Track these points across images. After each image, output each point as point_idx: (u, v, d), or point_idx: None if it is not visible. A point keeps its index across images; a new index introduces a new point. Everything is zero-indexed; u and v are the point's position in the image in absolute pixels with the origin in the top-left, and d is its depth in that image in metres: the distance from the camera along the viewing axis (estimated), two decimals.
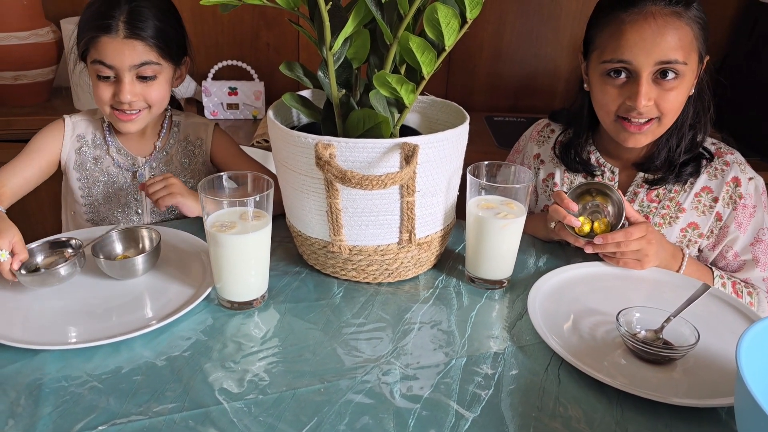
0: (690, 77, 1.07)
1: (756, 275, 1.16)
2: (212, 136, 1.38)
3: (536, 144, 1.32)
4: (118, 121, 1.23)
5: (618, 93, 1.08)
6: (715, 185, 1.15)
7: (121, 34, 1.15)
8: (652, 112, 1.07)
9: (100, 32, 1.15)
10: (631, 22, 1.04)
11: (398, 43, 0.91)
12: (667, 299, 0.95)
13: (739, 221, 1.15)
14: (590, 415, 0.75)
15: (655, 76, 1.05)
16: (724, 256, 1.18)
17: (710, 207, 1.16)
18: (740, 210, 1.15)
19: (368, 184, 0.85)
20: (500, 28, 2.30)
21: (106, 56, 1.16)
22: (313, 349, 0.85)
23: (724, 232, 1.16)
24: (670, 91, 1.05)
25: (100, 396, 0.75)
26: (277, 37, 2.26)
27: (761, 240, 1.16)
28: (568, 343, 0.86)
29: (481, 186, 0.99)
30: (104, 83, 1.19)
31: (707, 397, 0.77)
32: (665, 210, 1.17)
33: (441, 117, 1.11)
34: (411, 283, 1.02)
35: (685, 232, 1.17)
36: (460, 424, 0.73)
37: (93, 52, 1.17)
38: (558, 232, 1.07)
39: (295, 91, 1.05)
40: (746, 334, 0.67)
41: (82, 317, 0.89)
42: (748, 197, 1.15)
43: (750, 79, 2.23)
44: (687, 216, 1.16)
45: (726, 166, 1.15)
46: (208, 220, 0.90)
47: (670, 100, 1.06)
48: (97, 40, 1.16)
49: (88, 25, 1.17)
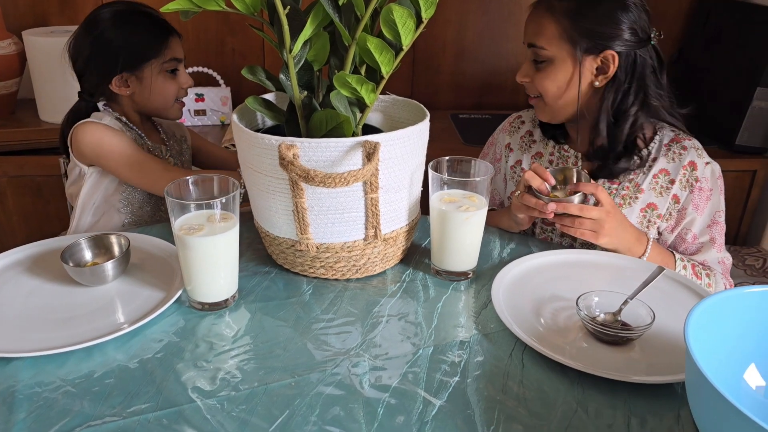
0: (563, 65, 1.16)
1: (712, 256, 1.21)
2: (189, 133, 1.60)
3: (507, 134, 1.40)
4: (177, 111, 1.44)
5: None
6: (672, 168, 1.20)
7: (174, 33, 1.38)
8: (532, 89, 1.23)
9: (170, 35, 1.37)
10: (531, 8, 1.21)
11: (357, 45, 0.93)
12: (625, 283, 0.99)
13: (696, 203, 1.20)
14: (552, 396, 0.78)
15: (533, 58, 1.20)
16: (684, 239, 1.23)
17: (667, 188, 1.21)
18: (696, 193, 1.20)
19: (331, 182, 0.88)
20: (462, 28, 2.34)
21: (177, 51, 1.39)
22: (284, 345, 0.87)
23: (682, 214, 1.21)
24: (540, 72, 1.19)
25: (74, 400, 0.76)
26: (242, 43, 2.27)
27: (717, 222, 1.21)
28: (531, 329, 0.90)
29: (443, 181, 1.02)
30: (172, 79, 1.39)
31: (663, 374, 0.80)
32: (625, 191, 1.22)
33: (403, 115, 1.14)
34: (378, 278, 1.05)
35: (645, 212, 1.22)
36: (427, 410, 0.76)
37: (168, 53, 1.37)
38: (522, 198, 1.10)
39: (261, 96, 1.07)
40: (693, 312, 0.71)
41: (53, 324, 0.89)
42: (705, 181, 1.19)
43: (704, 69, 2.30)
44: (645, 197, 1.21)
45: (683, 150, 1.21)
46: (176, 224, 0.91)
47: (539, 80, 1.19)
48: (171, 40, 1.37)
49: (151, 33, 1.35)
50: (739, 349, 0.74)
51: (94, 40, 1.33)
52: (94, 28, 1.33)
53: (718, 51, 2.25)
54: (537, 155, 1.34)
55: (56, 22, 2.22)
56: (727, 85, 2.19)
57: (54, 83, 1.98)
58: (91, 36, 1.33)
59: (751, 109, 2.08)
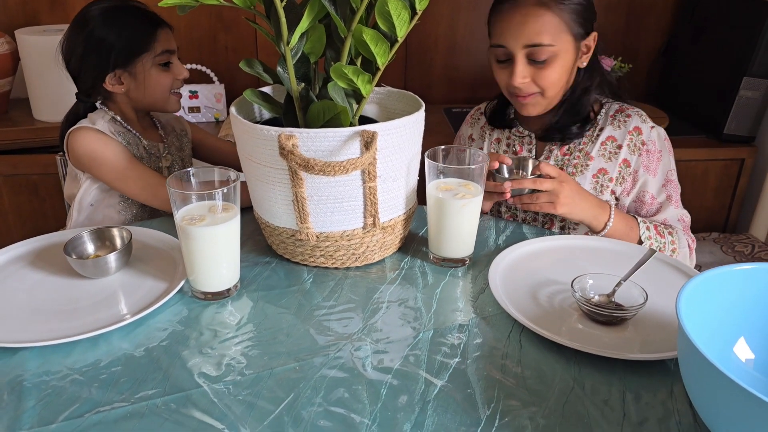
0: (566, 57, 1.19)
1: (671, 213, 1.29)
2: (189, 127, 1.59)
3: (469, 126, 1.48)
4: (175, 103, 1.44)
5: (504, 74, 1.24)
6: (618, 135, 1.28)
7: (165, 25, 1.38)
8: (530, 88, 1.22)
9: (160, 27, 1.36)
10: (503, 11, 1.19)
11: (352, 36, 0.95)
12: (618, 266, 1.01)
13: (646, 165, 1.27)
14: (550, 374, 0.81)
15: (528, 57, 1.19)
16: (643, 201, 1.30)
17: (615, 153, 1.28)
18: (645, 155, 1.27)
19: (331, 170, 0.89)
20: (454, 22, 2.36)
21: (170, 44, 1.38)
22: (287, 331, 0.89)
23: (635, 176, 1.28)
24: (544, 70, 1.19)
25: (82, 387, 0.78)
26: (235, 39, 2.28)
27: (670, 180, 1.29)
28: (528, 311, 0.92)
29: (439, 169, 1.04)
30: (166, 72, 1.39)
31: (657, 351, 0.83)
32: (576, 160, 1.30)
33: (398, 106, 1.16)
34: (378, 266, 1.07)
35: (597, 177, 1.29)
36: (429, 390, 0.78)
37: (158, 46, 1.36)
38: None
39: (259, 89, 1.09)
40: (684, 289, 0.73)
41: (58, 315, 0.91)
42: (652, 143, 1.27)
43: (692, 60, 2.33)
44: (595, 163, 1.29)
45: (628, 117, 1.29)
46: (178, 215, 0.93)
47: (544, 77, 1.20)
48: (161, 33, 1.36)
49: (142, 27, 1.34)
50: (729, 323, 0.77)
51: (85, 39, 1.32)
52: (84, 27, 1.32)
53: (705, 42, 2.28)
54: (496, 141, 1.41)
55: (47, 21, 2.22)
56: (715, 76, 2.22)
57: (47, 82, 1.99)
58: (81, 35, 1.32)
59: (738, 99, 2.11)
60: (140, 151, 1.42)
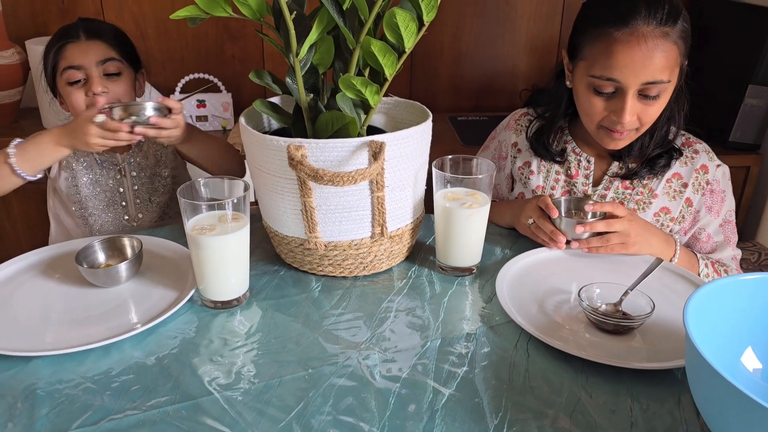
0: (671, 89, 1.11)
1: (727, 254, 1.24)
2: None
3: (513, 132, 1.35)
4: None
5: (604, 106, 1.11)
6: (684, 172, 1.22)
7: (83, 37, 1.30)
8: (633, 124, 1.11)
9: (65, 40, 1.29)
10: (622, 43, 1.04)
11: (361, 48, 0.96)
12: (624, 275, 1.02)
13: (708, 206, 1.22)
14: (557, 384, 0.81)
15: (640, 92, 1.08)
16: (698, 239, 1.24)
17: (680, 192, 1.22)
18: (708, 195, 1.22)
19: (339, 181, 0.90)
20: (458, 32, 2.37)
21: (74, 58, 1.29)
22: (296, 340, 0.90)
23: (696, 217, 1.23)
24: (653, 106, 1.10)
25: (94, 395, 0.79)
26: (241, 50, 2.30)
27: (729, 221, 1.24)
28: (535, 320, 0.92)
29: (446, 179, 1.04)
30: (77, 90, 1.30)
31: (664, 360, 0.83)
32: (639, 196, 1.23)
33: (405, 116, 1.17)
34: (385, 275, 1.07)
35: (658, 216, 1.23)
36: (437, 399, 0.78)
37: (62, 62, 1.29)
38: (534, 232, 1.14)
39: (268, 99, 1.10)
40: (692, 299, 0.73)
41: (71, 324, 0.92)
42: (716, 183, 1.22)
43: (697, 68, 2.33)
44: (659, 201, 1.22)
45: (695, 154, 1.22)
46: (188, 224, 0.94)
47: (651, 114, 1.11)
48: (64, 49, 1.29)
49: (52, 46, 1.31)
50: (736, 333, 0.77)
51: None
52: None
53: (710, 49, 2.28)
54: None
55: None
56: (720, 83, 2.22)
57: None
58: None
59: (744, 107, 2.12)
60: (90, 163, 1.39)
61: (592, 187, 1.24)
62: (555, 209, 1.08)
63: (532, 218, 1.13)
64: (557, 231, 1.09)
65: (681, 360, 0.83)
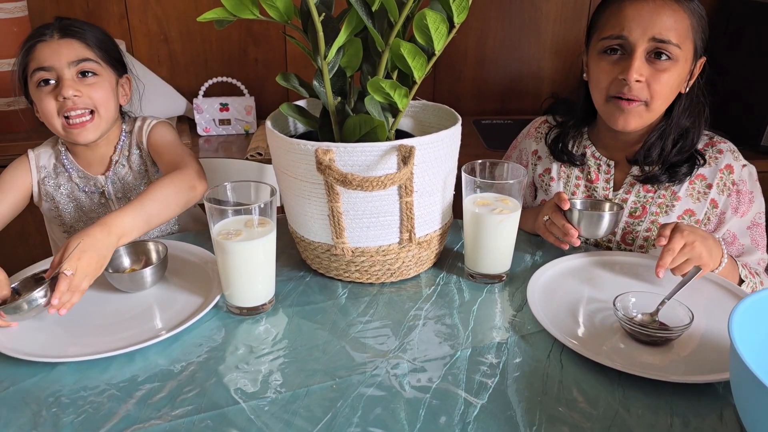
0: (683, 66, 1.09)
1: (754, 258, 1.19)
2: (149, 133, 1.31)
3: (534, 140, 1.34)
4: (70, 133, 1.21)
5: (612, 68, 1.11)
6: (708, 172, 1.17)
7: (56, 36, 1.18)
8: (642, 92, 1.09)
9: (35, 40, 1.18)
10: (631, 1, 1.08)
11: (390, 50, 0.94)
12: (661, 283, 0.99)
13: (735, 207, 1.17)
14: (593, 396, 0.78)
15: (649, 55, 1.08)
16: (724, 241, 1.19)
17: (704, 194, 1.17)
18: (734, 196, 1.17)
19: (368, 186, 0.88)
20: (483, 34, 2.34)
21: (43, 59, 1.17)
22: (323, 348, 0.88)
23: (722, 218, 1.18)
24: (663, 73, 1.08)
25: (119, 403, 0.78)
26: (265, 53, 2.29)
27: (758, 224, 1.19)
28: (568, 330, 0.90)
29: (476, 184, 1.02)
30: (47, 93, 1.18)
31: (704, 373, 0.80)
32: (661, 199, 1.19)
33: (433, 120, 1.15)
34: (413, 282, 1.05)
35: (682, 219, 1.18)
36: (469, 410, 0.76)
37: (32, 64, 1.18)
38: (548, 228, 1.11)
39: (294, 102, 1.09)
40: (737, 309, 0.71)
41: (95, 330, 0.91)
42: (743, 183, 1.17)
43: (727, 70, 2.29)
44: (683, 203, 1.18)
45: (719, 154, 1.18)
46: (215, 229, 0.92)
47: (661, 82, 1.08)
48: (34, 49, 1.17)
49: (22, 47, 1.20)
50: None
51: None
52: None
53: (740, 52, 2.23)
54: (567, 164, 1.27)
55: None
56: (751, 86, 2.17)
57: None
58: None
59: None
60: (70, 188, 1.30)
61: (613, 191, 1.21)
62: (566, 201, 1.07)
63: (547, 216, 1.11)
64: (569, 225, 1.07)
65: (722, 373, 0.79)
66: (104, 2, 2.19)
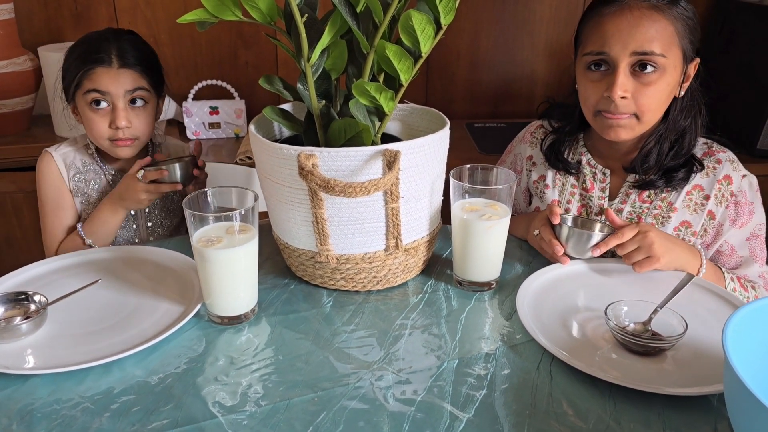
0: (672, 74, 1.06)
1: (754, 271, 1.15)
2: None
3: (529, 146, 1.31)
4: (116, 148, 1.31)
5: (597, 85, 1.09)
6: (706, 183, 1.14)
7: (115, 64, 1.26)
8: (628, 107, 1.06)
9: (95, 64, 1.25)
10: (609, 14, 1.06)
11: (375, 52, 0.92)
12: (653, 292, 0.96)
13: (733, 218, 1.13)
14: (584, 409, 0.76)
15: (633, 68, 1.05)
16: (721, 252, 1.16)
17: (701, 205, 1.14)
18: (733, 207, 1.13)
19: (352, 192, 0.86)
20: (476, 36, 2.32)
21: (101, 84, 1.25)
22: (306, 358, 0.85)
23: (719, 230, 1.14)
24: (648, 86, 1.05)
25: (92, 417, 0.75)
26: (255, 56, 2.27)
27: (758, 235, 1.15)
28: (559, 340, 0.87)
29: (465, 189, 1.00)
30: (100, 116, 1.28)
31: (698, 385, 0.78)
32: (657, 210, 1.15)
33: (422, 124, 1.12)
34: (400, 290, 1.03)
35: (678, 231, 1.15)
36: (454, 425, 0.73)
37: (87, 84, 1.26)
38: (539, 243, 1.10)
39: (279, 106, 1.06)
40: (730, 321, 0.68)
41: (71, 341, 0.88)
42: (742, 194, 1.13)
43: (722, 73, 2.27)
44: (679, 215, 1.15)
45: (718, 164, 1.14)
46: (194, 236, 0.90)
47: (647, 96, 1.05)
48: (92, 72, 1.25)
49: (79, 61, 1.27)
50: None
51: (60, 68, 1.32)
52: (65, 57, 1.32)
53: (735, 54, 2.22)
54: (561, 172, 1.25)
55: (71, 38, 2.23)
56: (746, 89, 2.16)
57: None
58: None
59: None
60: (102, 184, 1.38)
61: (609, 201, 1.18)
62: (557, 215, 1.04)
63: (538, 229, 1.09)
64: (555, 241, 1.04)
65: (716, 385, 0.77)
66: (93, 4, 2.17)
